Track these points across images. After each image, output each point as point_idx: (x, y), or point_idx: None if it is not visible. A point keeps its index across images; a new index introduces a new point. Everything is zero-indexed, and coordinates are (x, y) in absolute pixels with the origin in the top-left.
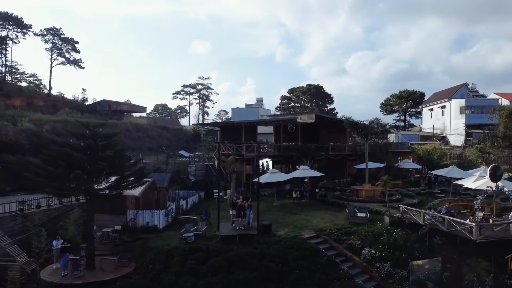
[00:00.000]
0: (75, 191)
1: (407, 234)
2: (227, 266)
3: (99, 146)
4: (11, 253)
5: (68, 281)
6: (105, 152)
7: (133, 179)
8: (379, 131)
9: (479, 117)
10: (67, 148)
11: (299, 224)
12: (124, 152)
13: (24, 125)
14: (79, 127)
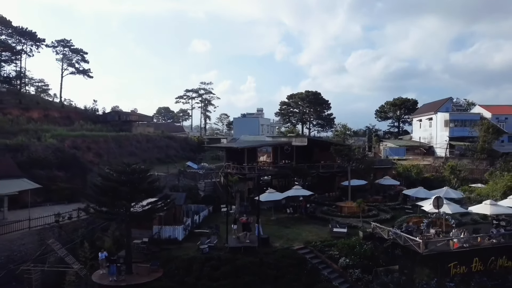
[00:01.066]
0: (118, 214)
1: (375, 246)
2: (234, 271)
3: (138, 180)
4: (68, 261)
5: (114, 284)
6: (142, 185)
7: (161, 204)
8: (359, 157)
9: (462, 130)
10: (114, 183)
11: (291, 237)
12: (155, 182)
13: (48, 141)
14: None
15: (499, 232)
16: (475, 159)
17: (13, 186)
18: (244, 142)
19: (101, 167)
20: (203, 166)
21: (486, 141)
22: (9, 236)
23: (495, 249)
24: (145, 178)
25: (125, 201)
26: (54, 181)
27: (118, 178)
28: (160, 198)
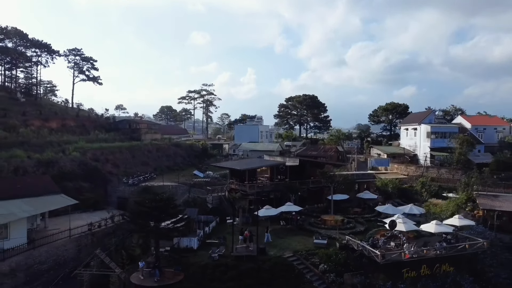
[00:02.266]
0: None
1: (348, 255)
2: (238, 276)
3: (164, 206)
4: (112, 266)
5: (149, 284)
6: (168, 210)
7: (183, 223)
8: (340, 179)
9: (442, 142)
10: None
11: (283, 246)
12: (179, 207)
13: (72, 154)
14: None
15: (442, 245)
16: (452, 169)
17: (55, 203)
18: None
19: (119, 178)
20: (208, 175)
21: (461, 153)
22: (55, 244)
23: (439, 258)
24: (170, 204)
25: (155, 221)
26: (81, 191)
27: (150, 205)
28: (181, 219)
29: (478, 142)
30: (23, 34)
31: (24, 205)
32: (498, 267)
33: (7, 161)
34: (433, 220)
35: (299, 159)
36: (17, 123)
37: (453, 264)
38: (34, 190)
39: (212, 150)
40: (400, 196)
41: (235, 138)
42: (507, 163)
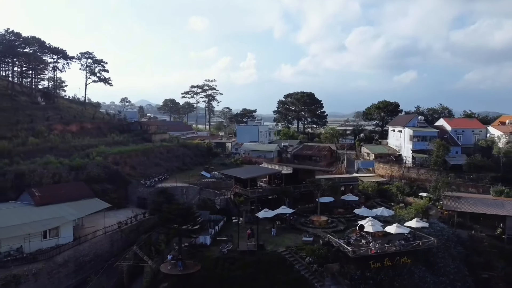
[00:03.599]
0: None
1: (328, 249)
2: (243, 266)
3: (186, 214)
4: (144, 259)
5: (175, 273)
6: (189, 217)
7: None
8: (325, 187)
9: (422, 144)
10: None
11: (278, 243)
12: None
13: (96, 159)
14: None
15: (401, 243)
16: (430, 170)
17: (92, 206)
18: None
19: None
20: (214, 175)
21: (438, 155)
22: (94, 240)
23: (399, 253)
24: (189, 213)
25: (179, 225)
26: (106, 192)
27: (176, 213)
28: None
29: (456, 144)
30: (41, 41)
31: (69, 209)
32: (448, 258)
33: (45, 167)
34: (398, 221)
35: (293, 167)
36: (43, 128)
37: (410, 257)
38: (73, 195)
39: (216, 149)
40: (380, 196)
41: (237, 137)
42: (477, 165)
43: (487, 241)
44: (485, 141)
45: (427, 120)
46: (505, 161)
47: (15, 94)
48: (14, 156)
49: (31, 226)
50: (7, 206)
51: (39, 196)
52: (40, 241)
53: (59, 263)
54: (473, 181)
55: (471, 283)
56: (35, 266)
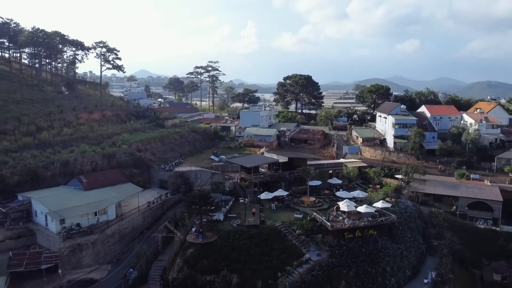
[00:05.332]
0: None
1: (314, 224)
2: (249, 237)
3: (206, 198)
4: (174, 231)
5: (197, 241)
6: (207, 200)
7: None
8: (314, 174)
9: (403, 131)
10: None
11: (275, 219)
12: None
13: (122, 147)
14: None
15: (368, 219)
16: (408, 154)
17: (129, 190)
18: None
19: (157, 164)
20: (221, 159)
21: (415, 141)
22: (131, 216)
23: (367, 226)
24: (208, 197)
25: (200, 206)
26: (133, 176)
27: (198, 196)
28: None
29: (433, 130)
30: (62, 35)
31: (112, 192)
32: (408, 230)
33: (83, 156)
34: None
35: (288, 157)
36: (72, 118)
37: (376, 230)
38: (112, 180)
39: (221, 132)
40: (361, 178)
41: (241, 122)
42: (448, 150)
43: (442, 216)
44: (456, 129)
45: (415, 103)
46: (471, 147)
47: (42, 84)
48: (55, 146)
49: (87, 207)
50: (62, 191)
51: (87, 182)
52: (93, 218)
53: (108, 234)
54: (443, 164)
55: (423, 249)
56: (92, 237)
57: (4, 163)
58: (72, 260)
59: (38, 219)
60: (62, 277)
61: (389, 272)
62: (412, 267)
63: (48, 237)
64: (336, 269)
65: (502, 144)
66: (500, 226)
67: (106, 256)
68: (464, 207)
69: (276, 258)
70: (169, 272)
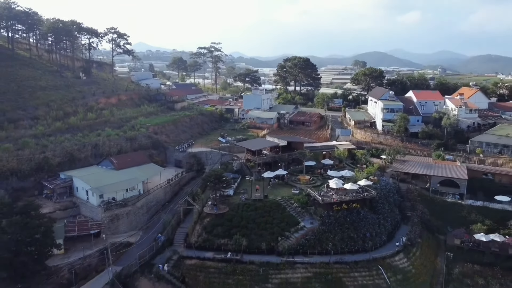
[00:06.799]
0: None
1: (308, 198)
2: (255, 209)
3: (220, 177)
4: (194, 204)
5: (213, 212)
6: (221, 179)
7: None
8: (309, 156)
9: (391, 115)
10: (213, 177)
11: (276, 194)
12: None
13: (141, 130)
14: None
15: (353, 194)
16: (394, 136)
17: (152, 169)
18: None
19: (172, 145)
20: (228, 140)
21: (401, 125)
22: (155, 192)
23: (352, 200)
24: (222, 176)
25: (215, 184)
26: (152, 157)
27: (213, 175)
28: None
29: (418, 114)
30: (78, 23)
31: (138, 172)
32: (386, 203)
33: (108, 139)
34: (354, 181)
35: (287, 141)
36: (94, 104)
37: (359, 203)
38: (137, 161)
39: (226, 114)
40: (351, 159)
41: (244, 104)
42: (429, 133)
43: (417, 192)
44: (437, 113)
45: (406, 86)
46: (450, 130)
47: (61, 70)
48: (83, 130)
49: (122, 184)
50: (97, 170)
51: (117, 163)
52: (124, 193)
53: (138, 206)
54: (424, 145)
55: (399, 219)
56: (126, 209)
57: (44, 146)
58: (111, 227)
59: (79, 194)
60: (106, 240)
61: (368, 237)
62: (387, 233)
63: (91, 208)
64: (325, 234)
65: (479, 127)
66: (465, 200)
67: (137, 224)
68: (436, 184)
69: (277, 226)
70: (191, 237)
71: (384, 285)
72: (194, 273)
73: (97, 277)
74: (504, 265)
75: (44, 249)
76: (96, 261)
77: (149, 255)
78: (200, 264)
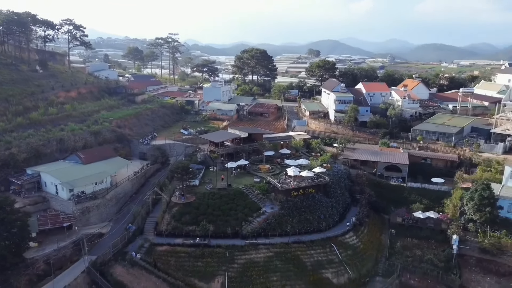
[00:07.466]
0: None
1: (268, 186)
2: (219, 197)
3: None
4: (162, 194)
5: (180, 201)
6: (187, 170)
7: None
8: (269, 146)
9: (342, 106)
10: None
11: (239, 182)
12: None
13: (104, 124)
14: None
15: (308, 180)
16: (345, 126)
17: (119, 163)
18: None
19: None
20: (190, 132)
21: (351, 116)
22: (122, 184)
23: (308, 186)
24: (188, 167)
25: (181, 175)
26: (117, 150)
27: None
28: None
29: (367, 104)
30: (33, 15)
31: (106, 165)
32: (338, 188)
33: (73, 133)
34: (310, 169)
35: (248, 133)
36: (54, 98)
37: (314, 188)
38: (104, 155)
39: (187, 106)
40: (307, 148)
41: (204, 96)
42: (376, 123)
43: (365, 177)
44: (384, 104)
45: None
46: (395, 119)
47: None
48: (45, 125)
49: (91, 178)
50: (64, 165)
51: (84, 157)
52: (93, 186)
53: (108, 199)
54: (372, 134)
55: (349, 201)
56: (97, 201)
57: (8, 142)
58: (83, 219)
59: (47, 188)
60: (78, 232)
61: (322, 218)
62: (339, 214)
63: (62, 202)
64: (284, 217)
65: (420, 116)
66: (406, 183)
67: (107, 216)
68: (382, 169)
69: (241, 212)
70: (161, 225)
71: (337, 260)
72: (166, 258)
73: (72, 267)
74: (438, 238)
75: (21, 243)
76: (71, 252)
77: (121, 244)
78: (171, 250)
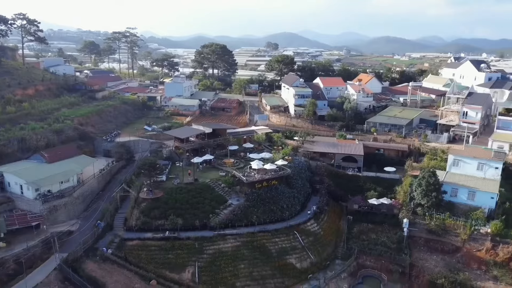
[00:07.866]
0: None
1: (234, 179)
2: (187, 191)
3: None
4: (130, 190)
5: (148, 197)
6: (155, 166)
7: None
8: (232, 141)
9: (302, 100)
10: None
11: (205, 176)
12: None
13: (66, 123)
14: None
15: (271, 173)
16: (304, 119)
17: (85, 161)
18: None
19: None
20: (154, 128)
21: (310, 109)
22: (89, 182)
23: (271, 178)
24: (155, 163)
25: (149, 171)
26: (81, 148)
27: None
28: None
29: (324, 98)
30: None
31: (72, 164)
32: (299, 179)
33: (34, 132)
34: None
35: (212, 128)
36: (11, 96)
37: (277, 180)
38: (68, 154)
39: (149, 102)
40: (269, 141)
41: (166, 92)
42: (333, 116)
43: (324, 168)
44: (340, 99)
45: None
46: (350, 113)
47: None
48: (4, 124)
49: (57, 176)
50: (28, 164)
51: (48, 156)
52: (59, 185)
53: (75, 197)
54: (329, 127)
55: (310, 191)
56: (64, 200)
57: None
58: (51, 218)
59: (11, 188)
60: (46, 231)
61: (285, 208)
62: (301, 204)
63: (28, 202)
64: (250, 209)
65: (374, 109)
66: (361, 172)
67: (75, 213)
68: (339, 160)
69: (208, 205)
70: (130, 220)
71: (299, 246)
72: (137, 252)
73: (43, 265)
74: (391, 222)
75: None
76: (41, 251)
77: (91, 241)
78: (141, 244)
